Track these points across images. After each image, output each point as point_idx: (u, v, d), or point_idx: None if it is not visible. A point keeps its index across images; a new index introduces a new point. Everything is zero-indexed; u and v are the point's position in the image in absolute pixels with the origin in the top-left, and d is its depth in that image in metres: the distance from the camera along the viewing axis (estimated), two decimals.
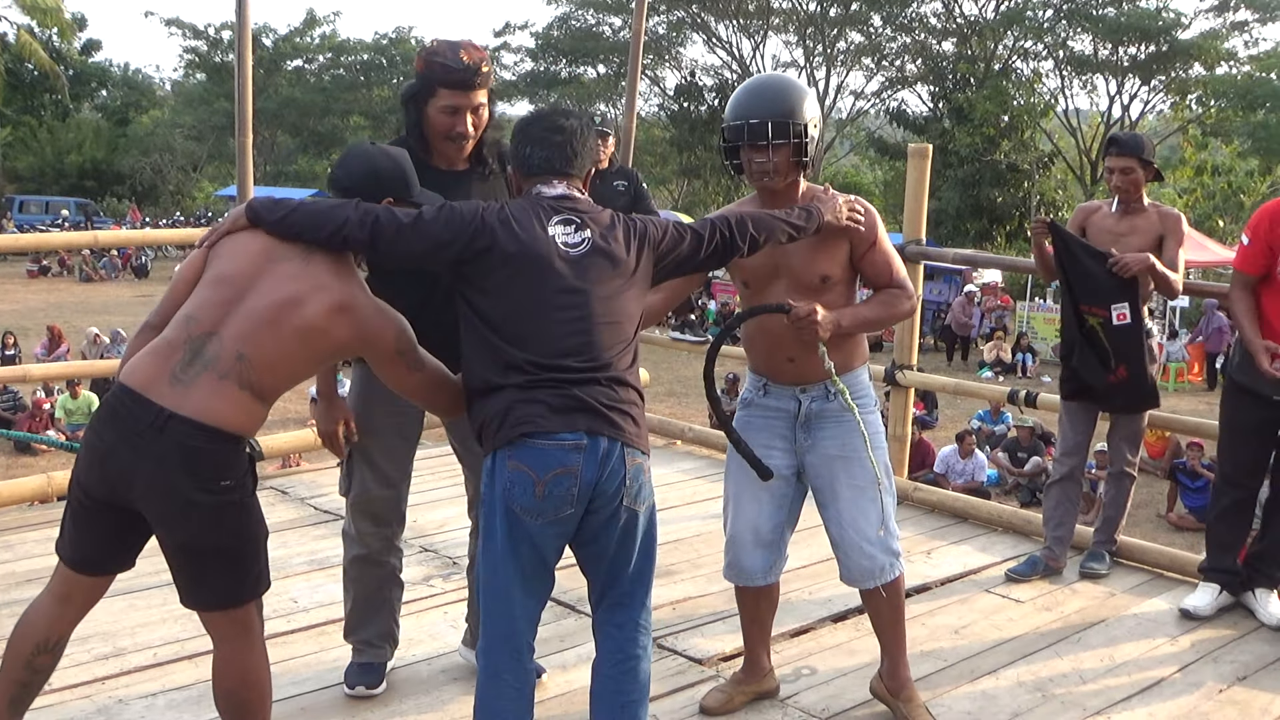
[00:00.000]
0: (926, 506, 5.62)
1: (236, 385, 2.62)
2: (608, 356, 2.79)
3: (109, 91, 55.19)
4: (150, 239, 19.98)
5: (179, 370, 2.61)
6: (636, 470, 2.79)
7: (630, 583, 2.88)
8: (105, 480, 2.65)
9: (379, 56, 48.49)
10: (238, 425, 2.64)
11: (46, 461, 12.85)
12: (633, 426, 2.80)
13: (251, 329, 2.65)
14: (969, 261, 10.89)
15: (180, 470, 2.58)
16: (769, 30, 40.82)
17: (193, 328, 2.65)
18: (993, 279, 25.13)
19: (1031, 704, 3.63)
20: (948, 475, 12.76)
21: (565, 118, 2.93)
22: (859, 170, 47.69)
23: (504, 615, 2.79)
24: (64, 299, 28.43)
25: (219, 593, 2.74)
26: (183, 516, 2.63)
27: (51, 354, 17.96)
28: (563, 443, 2.70)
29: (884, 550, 3.38)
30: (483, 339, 2.78)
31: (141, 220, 41.57)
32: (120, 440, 2.61)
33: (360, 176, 2.90)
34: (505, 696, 2.79)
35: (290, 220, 2.75)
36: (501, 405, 2.73)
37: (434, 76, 3.18)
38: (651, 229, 2.94)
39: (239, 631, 2.78)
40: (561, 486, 2.70)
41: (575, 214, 2.83)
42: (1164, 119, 38.04)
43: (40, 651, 2.81)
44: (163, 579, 4.36)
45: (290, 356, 2.68)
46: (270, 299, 2.67)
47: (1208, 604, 4.34)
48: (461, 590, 4.27)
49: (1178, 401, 18.04)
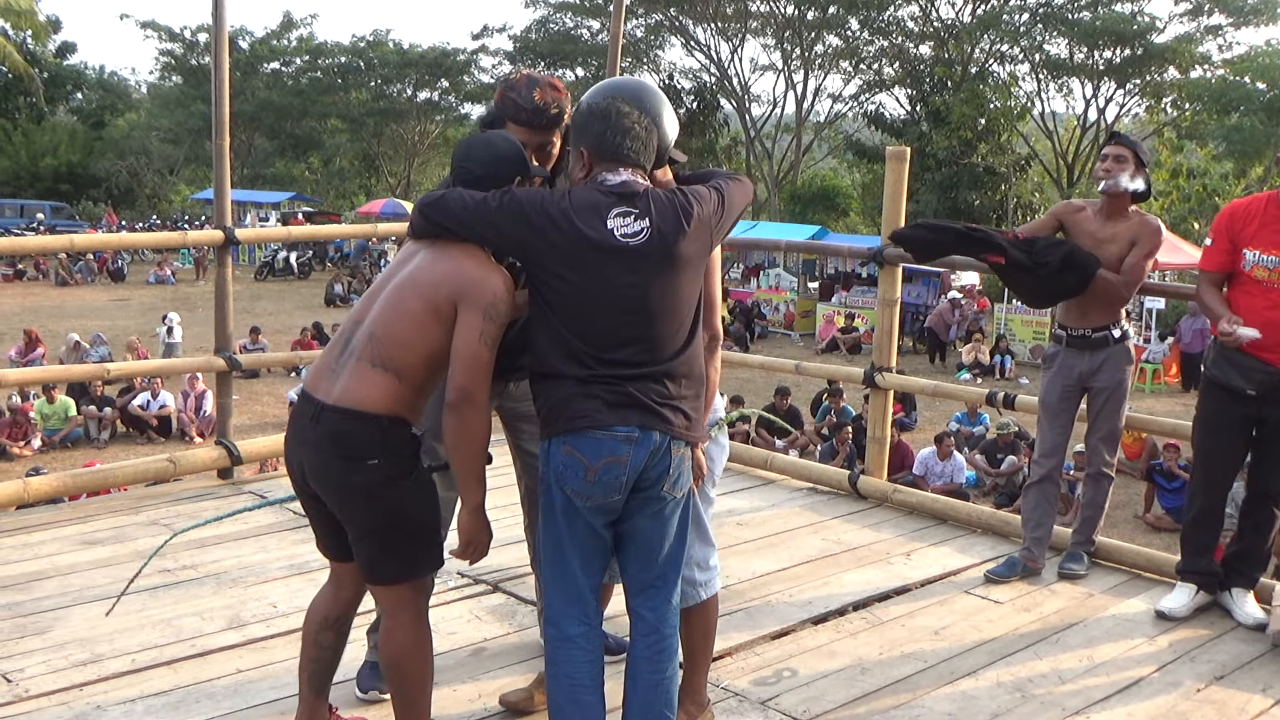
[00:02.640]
0: (905, 508, 5.64)
1: (370, 364, 2.81)
2: (664, 349, 2.86)
3: (84, 94, 54.89)
4: (127, 243, 19.86)
5: (334, 363, 2.88)
6: (680, 460, 2.90)
7: (664, 565, 2.98)
8: (294, 468, 2.94)
9: (356, 59, 48.39)
10: (376, 405, 2.79)
11: (22, 467, 12.75)
12: (683, 420, 2.90)
13: (381, 311, 2.86)
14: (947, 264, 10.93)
15: (331, 454, 2.81)
16: (747, 33, 40.95)
17: (347, 324, 2.94)
18: (970, 281, 25.24)
19: (1011, 704, 3.65)
20: (926, 477, 12.82)
21: (643, 114, 2.96)
22: (837, 173, 47.78)
23: (569, 583, 2.91)
24: (40, 303, 28.24)
25: (380, 570, 2.92)
26: (340, 497, 2.85)
27: (26, 358, 17.83)
28: (615, 434, 2.80)
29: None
30: (547, 324, 2.85)
31: (118, 224, 41.32)
32: (295, 435, 2.91)
33: (489, 163, 2.97)
34: (576, 659, 2.91)
35: (411, 219, 2.96)
36: (560, 397, 2.83)
37: (506, 110, 3.25)
38: (707, 204, 2.96)
39: (399, 607, 2.94)
40: (611, 474, 2.81)
41: (634, 203, 2.85)
42: (1139, 122, 38.26)
43: (323, 628, 3.07)
44: (140, 585, 4.37)
45: (413, 327, 2.81)
46: (397, 282, 2.88)
47: (1184, 605, 4.37)
48: (481, 589, 4.27)
49: (1154, 403, 18.17)
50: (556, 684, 2.92)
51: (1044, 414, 4.85)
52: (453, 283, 2.80)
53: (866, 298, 24.00)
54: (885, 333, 5.99)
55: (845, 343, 23.36)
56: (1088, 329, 4.70)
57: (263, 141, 49.52)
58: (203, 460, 5.93)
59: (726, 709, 3.56)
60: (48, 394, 15.45)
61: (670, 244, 2.85)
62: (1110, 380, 4.71)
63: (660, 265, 2.84)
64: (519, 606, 4.25)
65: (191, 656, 3.81)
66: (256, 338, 19.06)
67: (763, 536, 5.17)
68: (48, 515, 5.36)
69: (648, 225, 2.84)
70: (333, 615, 3.08)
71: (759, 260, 29.18)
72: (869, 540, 5.19)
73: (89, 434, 15.77)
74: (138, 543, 4.88)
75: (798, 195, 40.35)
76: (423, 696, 3.00)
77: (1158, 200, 28.30)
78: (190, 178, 48.84)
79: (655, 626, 2.99)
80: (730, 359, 10.43)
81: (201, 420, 15.75)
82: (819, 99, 42.51)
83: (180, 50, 47.45)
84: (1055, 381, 4.79)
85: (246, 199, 40.65)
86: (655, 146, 2.97)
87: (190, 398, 16.17)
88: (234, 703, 3.51)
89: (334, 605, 3.08)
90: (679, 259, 2.86)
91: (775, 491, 5.93)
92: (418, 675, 2.98)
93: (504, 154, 2.99)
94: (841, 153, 44.51)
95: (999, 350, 21.47)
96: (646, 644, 2.99)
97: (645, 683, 2.98)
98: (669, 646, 3.00)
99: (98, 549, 4.82)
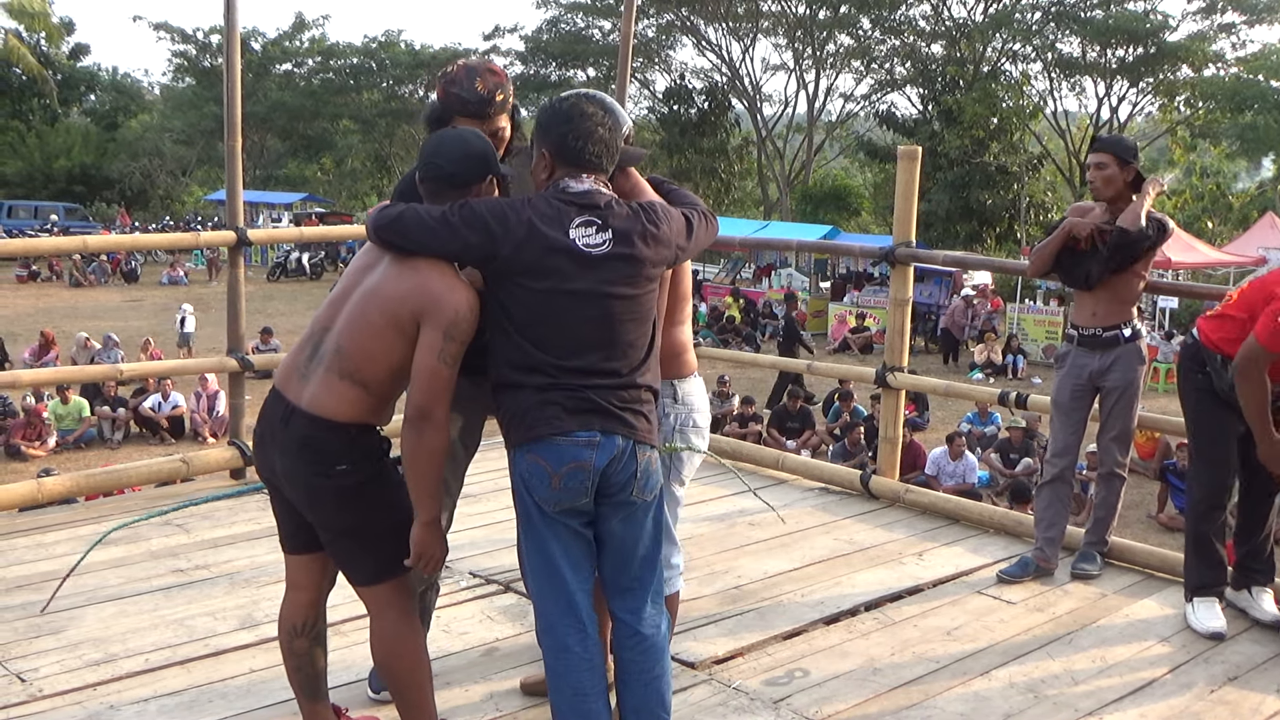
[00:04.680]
0: (918, 509, 5.63)
1: (338, 376, 2.83)
2: (625, 358, 2.87)
3: (98, 96, 55.08)
4: (140, 244, 19.91)
5: (302, 366, 2.89)
6: (646, 463, 2.90)
7: (639, 567, 2.98)
8: (264, 465, 2.98)
9: (368, 60, 48.46)
10: (344, 414, 2.82)
11: (36, 467, 12.79)
12: (645, 424, 2.90)
13: (347, 322, 2.86)
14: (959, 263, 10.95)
15: (299, 458, 2.84)
16: (758, 33, 40.89)
17: (315, 327, 2.93)
18: (983, 281, 25.19)
19: (1024, 705, 3.64)
20: (939, 477, 12.78)
21: (607, 115, 2.94)
22: (849, 173, 47.74)
23: (559, 591, 2.90)
24: (53, 304, 28.35)
25: (358, 571, 2.95)
26: (309, 500, 2.88)
27: (40, 359, 17.89)
28: (577, 440, 2.81)
29: None
30: (506, 335, 2.85)
31: (131, 225, 41.46)
32: (265, 432, 2.93)
33: (461, 160, 2.92)
34: (577, 669, 2.90)
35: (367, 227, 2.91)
36: (521, 406, 2.84)
37: (451, 106, 3.24)
38: (674, 224, 2.96)
39: (382, 608, 2.96)
40: (575, 480, 2.82)
41: (597, 213, 2.85)
42: (1152, 121, 38.15)
43: (294, 636, 3.08)
44: (154, 585, 4.40)
45: (378, 343, 2.81)
46: (361, 292, 2.88)
47: (1224, 621, 4.22)
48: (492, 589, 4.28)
49: (1167, 402, 18.10)
50: (560, 695, 2.91)
51: (1056, 413, 4.84)
52: (415, 299, 2.78)
53: (878, 297, 23.96)
54: (897, 332, 5.97)
55: (856, 342, 23.33)
56: (1099, 328, 4.68)
57: (275, 142, 49.62)
58: (215, 460, 5.95)
59: (738, 708, 3.56)
60: (62, 395, 15.51)
61: (631, 256, 2.85)
62: (1122, 380, 4.69)
63: (620, 275, 2.84)
64: (530, 606, 4.24)
65: (205, 656, 3.83)
66: (269, 338, 19.08)
67: (774, 536, 5.16)
68: (62, 515, 5.38)
69: (610, 237, 2.83)
70: (298, 622, 3.08)
71: (771, 260, 29.16)
72: (881, 540, 5.19)
73: (103, 434, 15.83)
74: (151, 543, 4.90)
75: (809, 195, 40.32)
76: (419, 695, 3.00)
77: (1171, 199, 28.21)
78: (203, 179, 48.99)
79: (635, 628, 2.98)
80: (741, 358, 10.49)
81: (214, 421, 15.79)
82: (830, 98, 42.49)
83: (193, 52, 47.56)
84: (1066, 381, 4.78)
85: (259, 200, 40.75)
86: (619, 147, 2.96)
87: (203, 398, 16.22)
88: (247, 702, 3.53)
89: (295, 611, 3.09)
90: (639, 271, 2.87)
91: (787, 491, 5.92)
92: (409, 674, 2.98)
93: (476, 151, 2.94)
94: (853, 152, 44.44)
95: (1011, 350, 21.41)
96: (629, 646, 2.99)
97: (635, 684, 2.98)
98: (653, 646, 2.99)
99: (111, 549, 4.82)
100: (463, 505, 5.08)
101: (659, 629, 3.01)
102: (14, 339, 20.42)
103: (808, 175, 42.50)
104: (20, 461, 14.35)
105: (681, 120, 39.00)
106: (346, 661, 3.71)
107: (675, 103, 39.86)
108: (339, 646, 3.78)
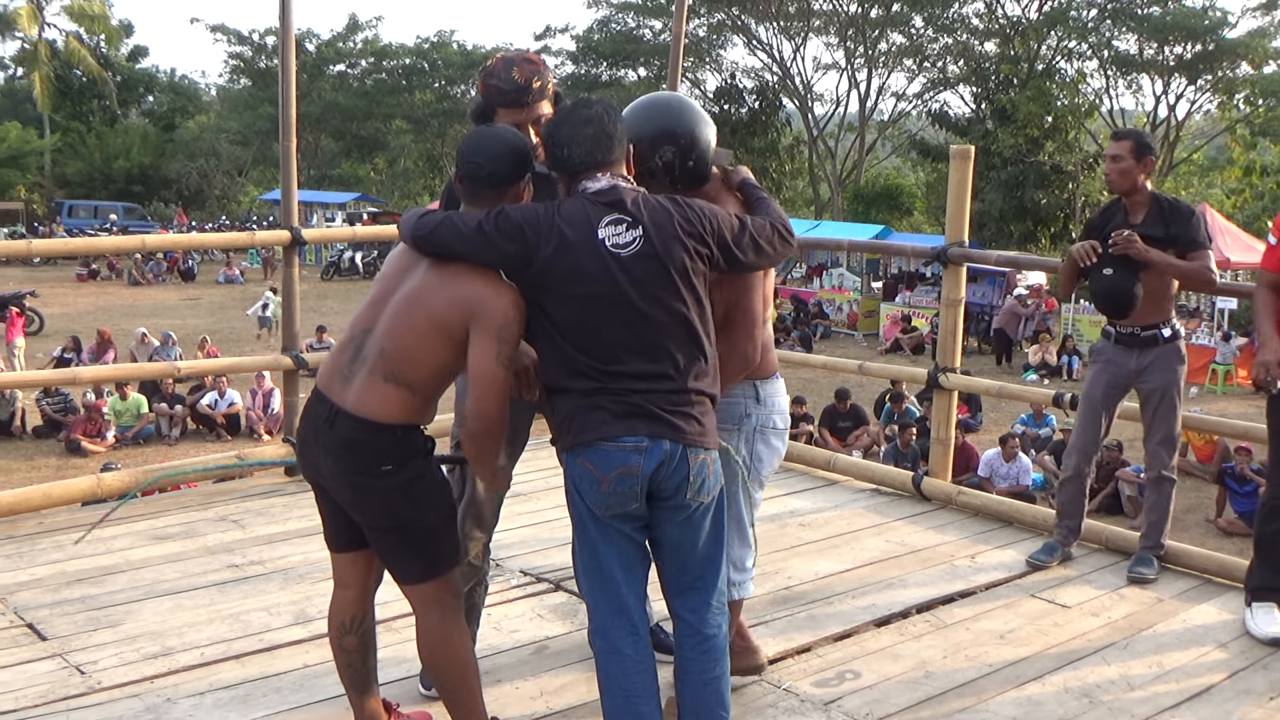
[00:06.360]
0: (970, 510, 5.58)
1: (382, 379, 2.83)
2: (671, 360, 2.84)
3: (156, 97, 55.89)
4: (196, 243, 20.18)
5: (345, 368, 2.90)
6: (700, 466, 2.87)
7: (700, 567, 2.97)
8: (308, 466, 2.99)
9: (420, 60, 48.81)
10: (389, 416, 2.83)
11: (96, 463, 13.01)
12: (695, 426, 2.87)
13: (390, 325, 2.86)
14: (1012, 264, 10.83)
15: (345, 459, 2.85)
16: (810, 32, 40.71)
17: (355, 328, 2.93)
18: (1037, 281, 24.92)
19: (1078, 710, 3.59)
20: (992, 479, 12.67)
21: (587, 107, 2.94)
22: (900, 172, 47.41)
23: (612, 594, 2.91)
24: (112, 302, 28.80)
25: (403, 569, 2.97)
26: (355, 500, 2.90)
27: (99, 357, 18.18)
28: (624, 445, 2.80)
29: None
30: (550, 340, 2.86)
31: (188, 224, 42.02)
32: (309, 433, 2.94)
33: (498, 158, 2.93)
34: (630, 672, 2.90)
35: (401, 230, 2.91)
36: (569, 410, 2.85)
37: (491, 98, 3.29)
38: (722, 224, 2.91)
39: (427, 606, 2.98)
40: (624, 484, 2.81)
41: (624, 212, 2.82)
42: (1211, 119, 37.58)
43: (344, 633, 3.11)
44: (209, 580, 4.45)
45: (423, 346, 2.82)
46: (403, 295, 2.87)
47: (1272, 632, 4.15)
48: (543, 587, 4.29)
49: (1226, 405, 17.85)
50: (611, 696, 2.92)
51: (1086, 408, 4.83)
52: (463, 306, 2.79)
53: (930, 298, 23.79)
54: (949, 333, 5.93)
55: (907, 343, 23.17)
56: (1137, 327, 4.66)
57: (329, 143, 50.07)
58: (270, 457, 6.02)
59: (789, 709, 3.55)
60: (121, 391, 15.77)
61: (664, 253, 2.81)
62: (1161, 381, 4.66)
63: (652, 275, 2.80)
64: (580, 605, 4.25)
65: (259, 651, 3.87)
66: (322, 336, 19.25)
67: (825, 538, 5.14)
68: (120, 510, 5.46)
69: (640, 234, 2.80)
70: (346, 619, 3.11)
71: (822, 260, 29.04)
72: (933, 542, 5.15)
73: (160, 431, 16.06)
74: (207, 539, 4.96)
75: (861, 195, 40.08)
76: (466, 693, 3.01)
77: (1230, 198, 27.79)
78: (258, 179, 49.54)
79: (697, 628, 2.98)
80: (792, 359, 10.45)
81: (269, 418, 15.97)
82: (882, 97, 42.22)
83: (249, 53, 48.12)
84: (1101, 376, 4.78)
85: (313, 200, 41.14)
86: (621, 132, 2.92)
87: (258, 396, 16.42)
88: (300, 697, 3.56)
89: (343, 608, 3.12)
90: (675, 268, 2.82)
91: (838, 492, 5.90)
92: (456, 672, 3.00)
93: (513, 149, 2.94)
94: (905, 152, 44.13)
95: (1066, 351, 21.16)
96: (690, 645, 2.98)
97: (694, 684, 2.98)
98: (714, 647, 2.99)
99: (168, 544, 4.90)
100: (513, 504, 5.11)
101: (721, 629, 3.01)
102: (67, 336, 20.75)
103: (859, 175, 42.27)
104: (80, 457, 14.60)
105: (732, 120, 38.89)
106: (399, 657, 3.73)
107: (726, 102, 39.77)
108: (391, 643, 3.81)
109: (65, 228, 39.51)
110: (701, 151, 3.14)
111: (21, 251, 6.01)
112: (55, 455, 14.85)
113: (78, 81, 48.53)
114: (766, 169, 38.89)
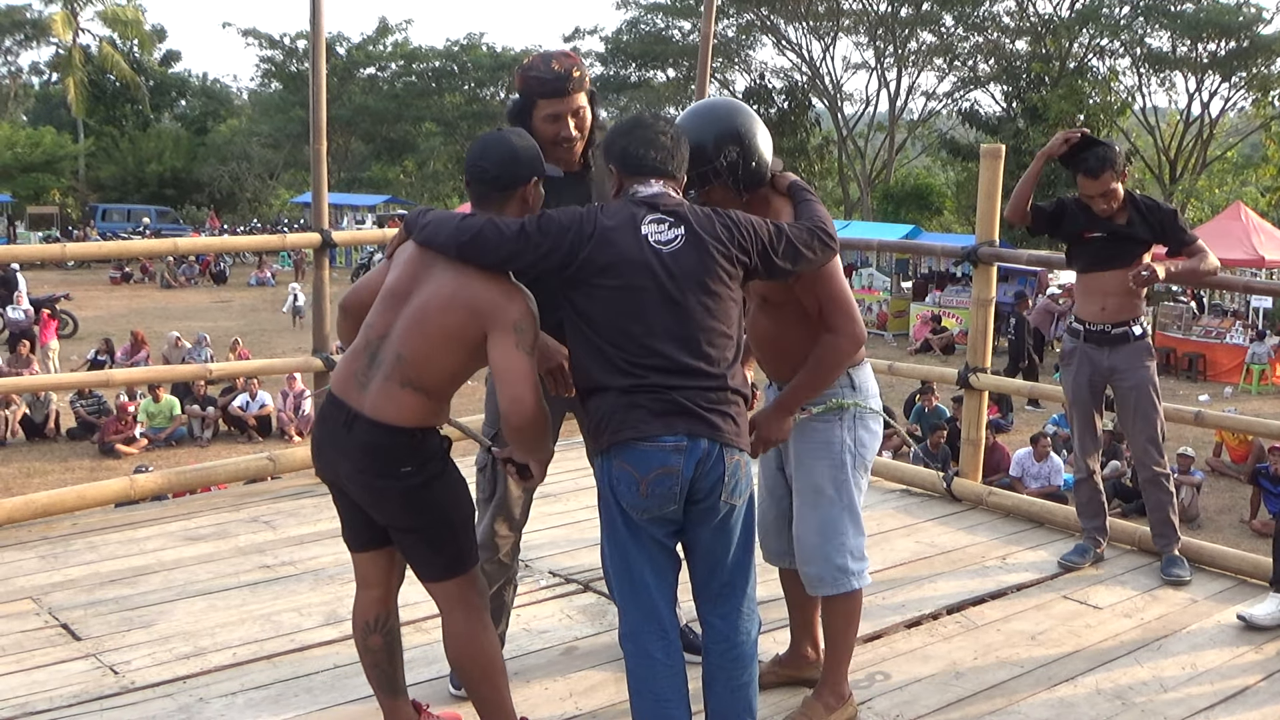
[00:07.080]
0: (1001, 511, 5.55)
1: (398, 384, 2.85)
2: (708, 358, 2.85)
3: (188, 101, 56.29)
4: (228, 246, 20.35)
5: (360, 373, 2.91)
6: (735, 466, 2.87)
7: (730, 572, 2.96)
8: (326, 468, 3.01)
9: (450, 63, 48.93)
10: (406, 420, 2.85)
11: (130, 464, 13.13)
12: (732, 426, 2.87)
13: (406, 330, 2.87)
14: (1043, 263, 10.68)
15: (364, 462, 2.88)
16: (839, 32, 40.57)
17: (370, 334, 2.93)
18: (1068, 281, 24.73)
19: (1111, 712, 3.57)
20: (1023, 479, 12.58)
21: (669, 124, 3.00)
22: (931, 172, 47.17)
23: (643, 597, 2.91)
24: (145, 304, 29.04)
25: (426, 567, 3.00)
26: (375, 501, 2.93)
27: (132, 359, 18.34)
28: (663, 445, 2.79)
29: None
30: (586, 340, 2.87)
31: (220, 227, 42.31)
32: (326, 437, 2.97)
33: (505, 162, 2.94)
34: (660, 676, 2.90)
35: (425, 233, 2.89)
36: (606, 409, 2.84)
37: (531, 90, 3.33)
38: (760, 232, 2.93)
39: (451, 604, 3.01)
40: (664, 485, 2.81)
41: (668, 211, 2.86)
42: (1245, 116, 37.20)
43: (368, 633, 3.12)
44: (241, 580, 4.49)
45: (440, 352, 2.85)
46: (419, 301, 2.88)
47: (1268, 614, 4.17)
48: (572, 588, 4.30)
49: (1261, 404, 17.68)
50: (641, 699, 2.92)
51: (1078, 412, 4.87)
52: (477, 312, 2.81)
53: (961, 297, 23.66)
54: (980, 333, 5.90)
55: (937, 343, 23.05)
56: (1107, 324, 4.69)
57: (359, 145, 50.28)
58: (301, 459, 6.04)
59: None
60: (153, 393, 15.89)
61: (703, 251, 2.84)
62: (1136, 378, 4.69)
63: (696, 270, 2.83)
64: (609, 606, 4.26)
65: (290, 651, 3.89)
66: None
67: None
68: (153, 511, 5.51)
69: (683, 233, 2.83)
70: (370, 618, 3.12)
71: (852, 260, 28.94)
72: (963, 543, 5.12)
73: (192, 432, 16.17)
74: (239, 539, 5.00)
75: (891, 194, 39.92)
76: (494, 692, 3.02)
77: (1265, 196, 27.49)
78: (290, 182, 49.81)
79: (726, 634, 2.98)
80: None
81: (300, 420, 16.06)
82: (912, 97, 42.01)
83: (280, 57, 48.37)
84: (1081, 376, 4.81)
85: (343, 202, 41.34)
86: (685, 156, 2.97)
87: (289, 398, 16.51)
88: (331, 697, 3.58)
89: (367, 607, 3.13)
90: (717, 267, 2.84)
91: (868, 493, 5.82)
92: (482, 670, 3.01)
93: (520, 152, 2.94)
94: (935, 151, 43.90)
95: None
96: (719, 651, 2.98)
97: (721, 690, 2.98)
98: (743, 654, 2.99)
99: (200, 545, 4.94)
100: (542, 504, 5.13)
101: (750, 635, 3.00)
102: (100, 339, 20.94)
103: (889, 174, 42.09)
104: (114, 459, 14.72)
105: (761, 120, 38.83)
106: (429, 657, 3.75)
107: (755, 102, 39.64)
108: (420, 643, 3.83)
109: (99, 231, 39.87)
110: (762, 154, 3.19)
111: (56, 255, 6.07)
112: (89, 457, 14.97)
113: (111, 86, 48.91)
114: (796, 169, 38.67)
